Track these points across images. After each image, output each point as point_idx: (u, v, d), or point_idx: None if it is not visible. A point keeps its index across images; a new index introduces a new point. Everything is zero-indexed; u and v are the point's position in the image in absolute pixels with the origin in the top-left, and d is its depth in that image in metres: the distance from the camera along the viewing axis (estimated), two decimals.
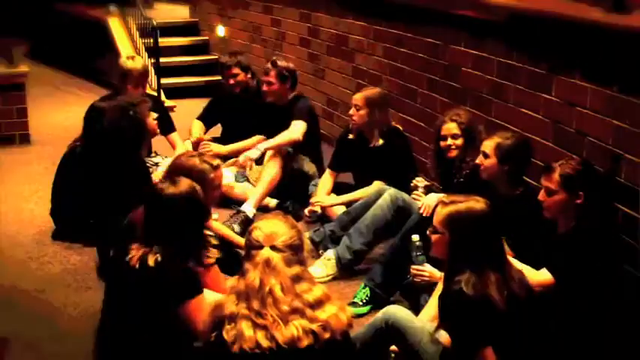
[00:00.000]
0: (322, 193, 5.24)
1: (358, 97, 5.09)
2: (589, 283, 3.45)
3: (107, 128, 4.73)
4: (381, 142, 5.08)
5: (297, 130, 5.47)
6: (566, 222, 3.61)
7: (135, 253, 3.17)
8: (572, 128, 4.13)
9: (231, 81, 6.05)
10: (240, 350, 2.61)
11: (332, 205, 5.16)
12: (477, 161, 4.10)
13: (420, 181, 4.63)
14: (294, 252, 2.76)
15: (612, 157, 3.78)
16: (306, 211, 5.22)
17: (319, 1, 7.31)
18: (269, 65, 5.67)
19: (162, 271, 3.12)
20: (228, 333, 2.65)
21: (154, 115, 5.05)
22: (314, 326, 2.65)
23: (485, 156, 4.04)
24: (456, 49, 5.28)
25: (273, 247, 2.73)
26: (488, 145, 4.04)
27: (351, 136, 5.27)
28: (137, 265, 3.13)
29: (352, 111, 5.10)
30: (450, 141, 4.47)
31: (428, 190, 4.57)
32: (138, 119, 4.75)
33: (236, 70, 6.02)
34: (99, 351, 3.34)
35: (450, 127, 4.47)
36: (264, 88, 5.68)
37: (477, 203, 3.08)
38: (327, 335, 2.66)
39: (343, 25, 6.92)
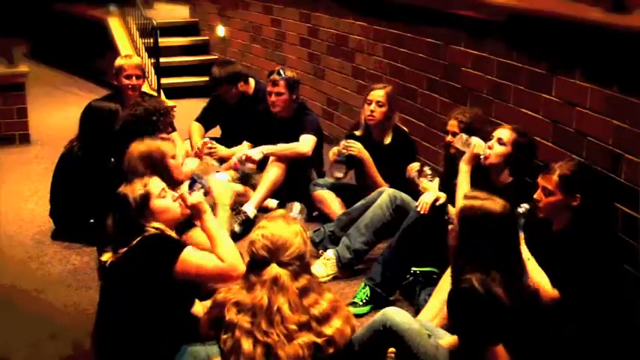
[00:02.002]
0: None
1: (381, 94, 5.04)
2: (587, 284, 3.44)
3: (125, 123, 4.63)
4: (389, 140, 5.09)
5: (306, 144, 5.44)
6: (561, 220, 3.62)
7: (109, 252, 3.24)
8: (572, 128, 4.13)
9: (225, 96, 6.01)
10: None
11: (358, 153, 5.02)
12: (488, 144, 4.11)
13: (421, 166, 4.64)
14: (301, 261, 2.71)
15: (613, 157, 3.79)
16: (335, 149, 5.07)
17: (319, 1, 7.31)
18: (276, 76, 5.52)
19: (141, 250, 3.16)
20: (225, 343, 2.64)
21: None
22: (319, 340, 2.62)
23: (501, 143, 4.07)
24: (456, 49, 5.28)
25: (280, 263, 2.67)
26: (506, 134, 4.08)
27: (358, 133, 5.24)
28: (115, 259, 3.19)
29: (373, 107, 5.03)
30: (449, 137, 4.51)
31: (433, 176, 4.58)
32: (157, 127, 4.65)
33: (226, 87, 5.96)
34: (95, 352, 3.35)
35: (452, 125, 4.52)
36: (273, 98, 5.53)
37: (494, 204, 3.12)
38: (330, 350, 2.64)
39: (343, 25, 6.92)
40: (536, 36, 4.42)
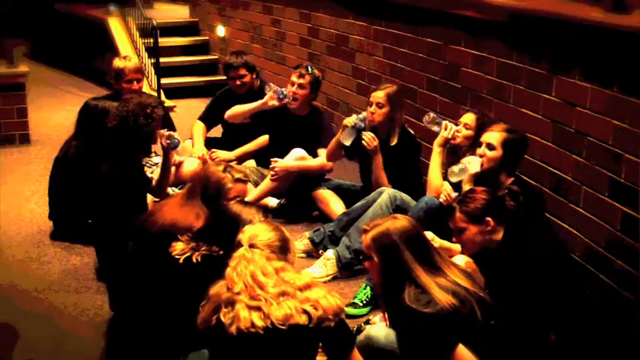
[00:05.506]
0: None
1: (381, 95, 4.95)
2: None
3: (118, 118, 4.57)
4: (396, 141, 5.04)
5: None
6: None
7: (182, 249, 3.35)
8: (572, 128, 4.13)
9: (238, 82, 6.02)
10: (237, 331, 2.70)
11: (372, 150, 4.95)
12: (479, 152, 4.10)
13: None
14: (274, 252, 2.89)
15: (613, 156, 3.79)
16: (351, 119, 4.96)
17: (319, 1, 7.31)
18: (305, 70, 5.54)
19: (207, 271, 3.18)
20: (225, 316, 2.75)
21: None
22: (306, 306, 2.74)
23: (491, 148, 4.05)
24: (456, 49, 5.28)
25: (252, 245, 2.88)
26: (495, 138, 4.06)
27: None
28: (182, 261, 3.30)
29: (373, 108, 4.95)
30: (460, 127, 4.55)
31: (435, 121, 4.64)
32: (152, 120, 4.63)
33: (243, 71, 5.99)
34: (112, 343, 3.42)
35: (467, 116, 4.58)
36: (295, 89, 5.53)
37: (397, 221, 3.18)
38: (319, 313, 2.74)
39: (343, 25, 6.92)
40: (536, 36, 4.42)
